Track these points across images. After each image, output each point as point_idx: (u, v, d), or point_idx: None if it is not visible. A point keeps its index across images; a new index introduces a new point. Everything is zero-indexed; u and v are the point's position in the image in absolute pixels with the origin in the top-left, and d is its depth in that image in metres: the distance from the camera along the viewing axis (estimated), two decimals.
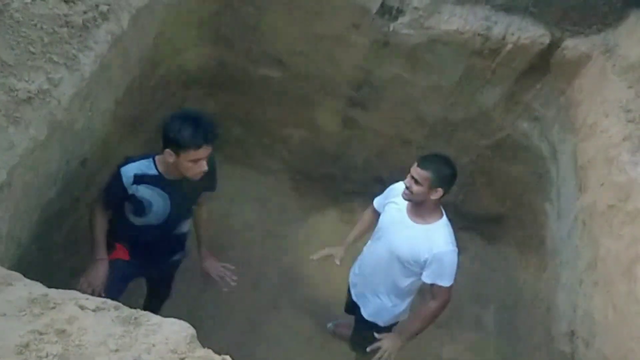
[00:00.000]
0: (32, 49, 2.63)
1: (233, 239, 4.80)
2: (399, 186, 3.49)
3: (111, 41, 3.03)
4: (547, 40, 3.95)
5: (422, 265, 3.36)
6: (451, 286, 3.40)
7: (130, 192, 3.13)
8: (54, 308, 2.06)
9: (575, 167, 3.95)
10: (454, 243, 3.37)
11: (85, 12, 2.90)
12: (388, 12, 4.07)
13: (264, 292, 4.63)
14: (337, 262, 3.72)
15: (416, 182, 3.24)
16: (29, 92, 2.55)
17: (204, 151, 2.92)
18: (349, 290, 4.01)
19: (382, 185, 5.12)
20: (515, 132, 4.51)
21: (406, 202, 3.42)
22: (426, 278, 3.38)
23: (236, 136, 5.01)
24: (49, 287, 2.93)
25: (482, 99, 4.40)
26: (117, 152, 3.82)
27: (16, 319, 1.95)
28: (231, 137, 4.99)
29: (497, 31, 3.99)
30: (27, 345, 1.84)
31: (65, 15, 2.81)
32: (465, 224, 5.27)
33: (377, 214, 3.72)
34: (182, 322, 2.16)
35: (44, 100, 2.60)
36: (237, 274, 3.68)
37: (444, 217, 3.42)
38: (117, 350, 1.94)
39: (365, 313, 3.80)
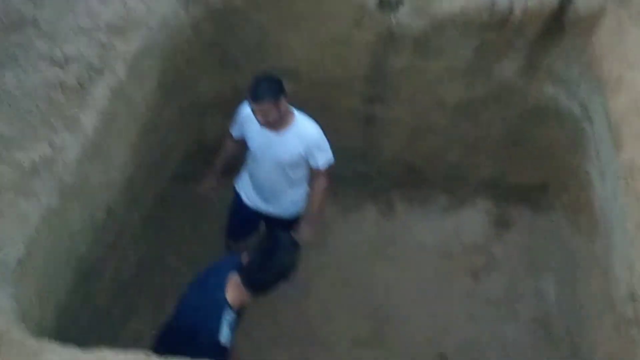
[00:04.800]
0: (31, 120, 2.73)
1: None
2: (247, 109, 3.63)
3: (110, 94, 3.09)
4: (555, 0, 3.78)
5: (305, 158, 3.73)
6: (331, 163, 3.80)
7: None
8: None
9: (609, 124, 3.78)
10: (317, 125, 3.73)
11: (78, 72, 2.97)
12: (387, 5, 3.98)
13: (314, 300, 4.64)
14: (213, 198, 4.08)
15: (265, 114, 3.42)
16: (33, 162, 2.64)
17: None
18: (242, 209, 4.14)
19: (415, 174, 5.09)
20: (542, 98, 4.35)
21: None
22: (313, 163, 3.76)
23: None
24: (97, 338, 3.07)
25: (501, 72, 4.26)
26: (145, 191, 3.93)
27: None
28: None
29: (501, 2, 3.84)
30: None
31: (59, 80, 2.89)
32: (511, 197, 5.15)
33: (236, 140, 3.96)
34: None
35: (50, 167, 2.68)
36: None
37: (294, 111, 3.68)
38: None
39: (275, 211, 4.04)
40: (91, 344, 2.35)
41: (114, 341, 3.14)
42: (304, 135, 3.66)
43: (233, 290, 2.91)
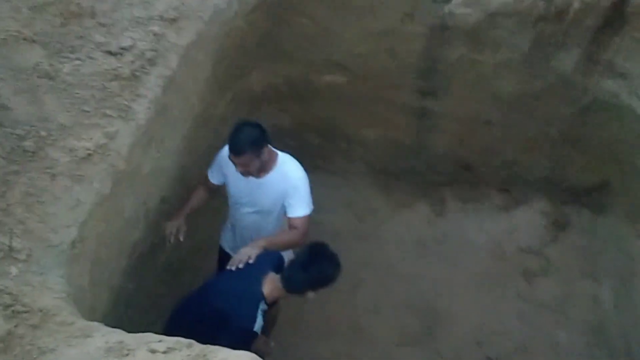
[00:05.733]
0: (86, 108, 2.80)
1: None
2: (224, 152, 3.39)
3: (163, 84, 3.14)
4: None
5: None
6: (309, 215, 3.43)
7: None
8: (127, 355, 2.17)
9: None
10: (301, 168, 3.44)
11: (132, 62, 3.03)
12: None
13: (364, 296, 4.63)
14: (181, 238, 3.42)
15: (246, 165, 3.23)
16: (87, 149, 2.71)
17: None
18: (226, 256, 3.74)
19: (469, 172, 4.99)
20: (601, 94, 4.17)
21: None
22: (288, 212, 3.42)
23: (315, 145, 5.03)
24: (151, 322, 3.14)
25: (559, 65, 4.11)
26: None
27: None
28: (310, 147, 5.02)
29: None
30: None
31: (114, 69, 2.97)
32: (568, 198, 4.99)
33: (212, 186, 3.65)
34: (248, 353, 2.20)
35: (103, 154, 2.75)
36: None
37: (278, 153, 3.43)
38: None
39: None
40: (143, 329, 2.40)
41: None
42: (287, 179, 3.38)
43: (269, 285, 3.08)
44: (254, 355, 2.20)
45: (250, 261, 3.17)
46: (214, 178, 3.61)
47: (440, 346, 4.48)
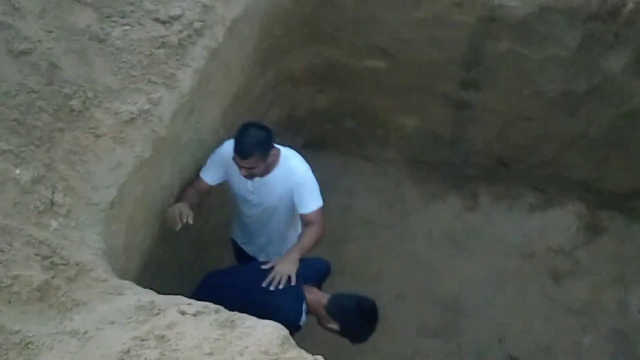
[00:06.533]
0: (132, 73, 2.85)
1: (353, 232, 4.84)
2: (227, 150, 3.25)
3: (208, 56, 3.17)
4: None
5: (292, 199, 3.35)
6: (322, 207, 3.34)
7: None
8: (157, 314, 2.22)
9: None
10: (304, 161, 3.35)
11: (180, 31, 3.06)
12: None
13: (388, 284, 4.61)
14: (191, 221, 3.14)
15: (251, 168, 3.15)
16: (131, 113, 2.75)
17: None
18: (240, 249, 3.82)
19: (505, 168, 4.93)
20: None
21: None
22: (299, 208, 3.34)
23: (350, 130, 5.03)
24: (179, 288, 3.18)
25: (607, 66, 4.04)
26: None
27: (122, 327, 2.13)
28: (345, 131, 5.02)
29: None
30: (128, 352, 2.01)
31: (162, 37, 3.00)
32: (603, 202, 4.91)
33: (204, 186, 3.39)
34: (275, 323, 2.23)
35: (146, 119, 2.79)
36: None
37: (281, 149, 3.31)
38: (210, 354, 2.05)
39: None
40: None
41: None
42: (292, 175, 3.30)
43: (310, 295, 3.14)
44: (281, 326, 2.23)
45: (292, 283, 3.12)
46: (210, 178, 3.37)
47: (462, 339, 4.46)
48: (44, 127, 2.54)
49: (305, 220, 3.37)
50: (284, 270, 3.13)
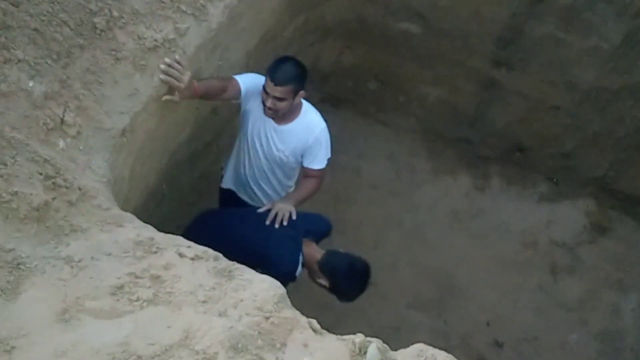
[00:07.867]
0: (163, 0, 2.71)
1: (359, 195, 4.78)
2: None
3: None
4: None
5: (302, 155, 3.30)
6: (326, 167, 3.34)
7: None
8: (155, 252, 2.16)
9: None
10: (322, 118, 3.28)
11: None
12: None
13: (384, 252, 4.56)
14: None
15: (279, 99, 3.02)
16: (155, 40, 2.64)
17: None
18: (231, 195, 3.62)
19: (521, 154, 4.83)
20: None
21: None
22: (307, 162, 3.30)
23: (371, 91, 4.90)
24: (176, 227, 3.13)
25: None
26: None
27: (118, 260, 2.07)
28: (366, 92, 4.90)
29: None
30: (121, 287, 1.95)
31: None
32: (615, 203, 4.82)
33: (235, 85, 3.10)
34: (273, 280, 2.17)
35: (169, 49, 2.68)
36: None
37: (302, 101, 3.22)
38: (204, 302, 2.00)
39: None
40: (167, 232, 2.38)
41: None
42: (310, 130, 3.22)
43: (307, 249, 3.11)
44: (278, 283, 2.17)
45: (294, 217, 3.11)
46: (243, 83, 3.10)
47: (449, 317, 4.45)
48: (63, 42, 2.42)
49: (307, 174, 3.36)
50: (285, 207, 3.13)
